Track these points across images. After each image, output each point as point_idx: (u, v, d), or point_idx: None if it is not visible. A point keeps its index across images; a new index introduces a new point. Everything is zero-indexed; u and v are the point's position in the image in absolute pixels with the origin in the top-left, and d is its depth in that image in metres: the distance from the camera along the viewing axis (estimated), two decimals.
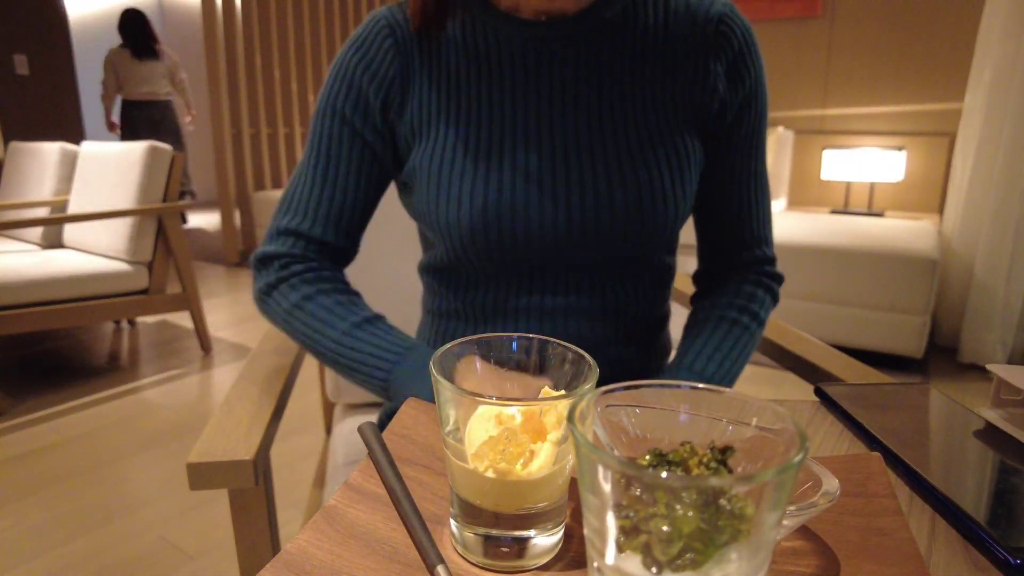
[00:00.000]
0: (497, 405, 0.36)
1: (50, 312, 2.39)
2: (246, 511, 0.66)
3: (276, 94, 4.58)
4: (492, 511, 0.36)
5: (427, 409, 0.54)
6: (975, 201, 2.65)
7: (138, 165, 2.60)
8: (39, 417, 2.23)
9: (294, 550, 0.37)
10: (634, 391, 0.34)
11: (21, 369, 2.68)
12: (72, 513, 1.69)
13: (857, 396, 0.61)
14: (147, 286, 2.65)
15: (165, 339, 3.02)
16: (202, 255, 4.78)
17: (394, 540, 0.39)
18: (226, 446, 0.64)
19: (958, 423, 0.57)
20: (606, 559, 0.28)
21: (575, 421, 0.29)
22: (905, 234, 2.76)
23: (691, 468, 0.29)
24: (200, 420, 2.22)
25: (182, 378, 2.57)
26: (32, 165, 3.12)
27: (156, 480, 1.85)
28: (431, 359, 0.37)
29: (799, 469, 0.26)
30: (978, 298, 2.60)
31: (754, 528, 0.25)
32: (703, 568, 0.26)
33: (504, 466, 0.35)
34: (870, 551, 0.37)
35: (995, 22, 2.55)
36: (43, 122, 4.62)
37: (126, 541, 1.58)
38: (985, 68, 2.59)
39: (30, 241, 3.01)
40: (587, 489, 0.28)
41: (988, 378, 0.62)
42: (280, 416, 0.75)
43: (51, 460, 1.95)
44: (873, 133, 3.65)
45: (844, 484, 0.43)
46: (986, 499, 0.45)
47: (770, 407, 0.31)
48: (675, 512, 0.25)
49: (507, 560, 0.37)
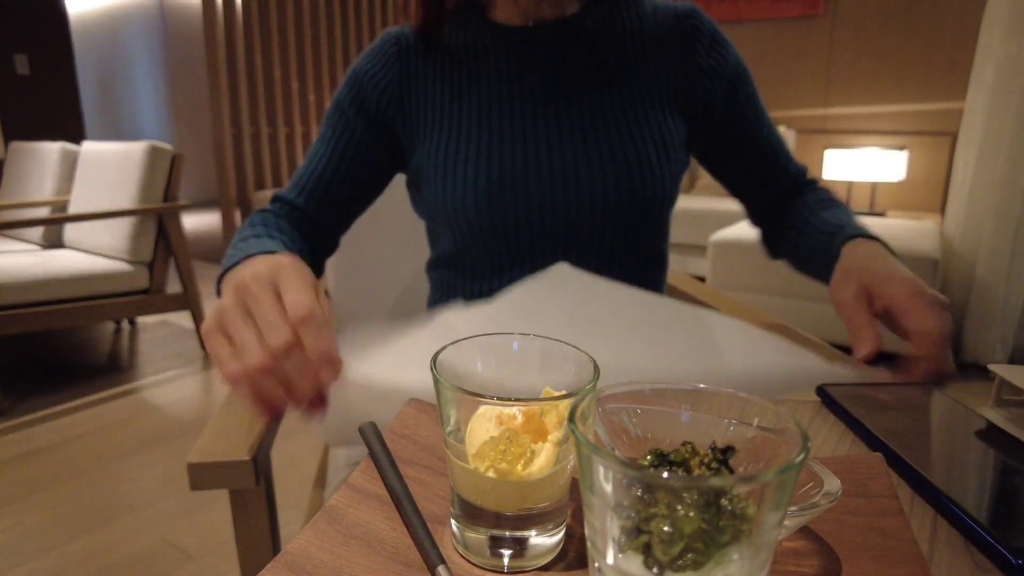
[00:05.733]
0: (498, 405, 0.36)
1: (50, 312, 2.39)
2: (246, 511, 0.66)
3: (276, 94, 4.58)
4: (493, 511, 0.36)
5: (428, 409, 0.54)
6: (977, 201, 2.65)
7: (139, 165, 2.60)
8: (39, 417, 2.23)
9: (295, 550, 0.37)
10: (635, 391, 0.34)
11: (21, 369, 2.68)
12: (72, 513, 1.69)
13: (859, 396, 0.61)
14: (148, 286, 2.65)
15: (166, 339, 3.02)
16: (203, 255, 4.78)
17: (395, 540, 0.39)
18: (226, 446, 0.64)
19: (960, 423, 0.57)
20: (607, 559, 0.28)
21: (576, 421, 0.29)
22: (907, 234, 2.76)
23: (692, 468, 0.29)
24: (200, 420, 2.22)
25: (182, 378, 2.57)
26: (33, 165, 3.12)
27: (156, 480, 1.85)
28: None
29: (800, 469, 0.26)
30: (979, 298, 2.60)
31: (755, 528, 0.25)
32: (704, 568, 0.25)
33: (505, 466, 0.35)
34: (872, 551, 0.37)
35: (997, 21, 2.54)
36: (43, 122, 4.62)
37: (126, 541, 1.58)
38: (987, 67, 2.59)
39: (31, 241, 3.01)
40: (588, 489, 0.28)
41: (989, 378, 0.62)
42: (280, 416, 0.75)
43: (51, 460, 1.95)
44: (875, 133, 3.65)
45: (846, 484, 0.43)
46: (988, 499, 0.45)
47: (771, 407, 0.31)
48: (676, 512, 0.25)
49: (508, 560, 0.37)
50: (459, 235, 0.79)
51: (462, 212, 0.76)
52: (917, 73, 3.49)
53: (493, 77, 0.78)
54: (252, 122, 4.49)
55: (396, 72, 0.80)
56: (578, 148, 0.76)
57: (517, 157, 0.76)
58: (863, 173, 3.50)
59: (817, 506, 0.37)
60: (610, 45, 0.79)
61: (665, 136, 0.78)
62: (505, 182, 0.75)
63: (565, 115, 0.77)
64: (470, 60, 0.79)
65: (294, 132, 4.78)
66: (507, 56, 0.78)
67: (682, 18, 0.81)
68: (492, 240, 0.77)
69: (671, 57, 0.80)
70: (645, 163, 0.76)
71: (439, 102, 0.79)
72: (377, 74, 0.80)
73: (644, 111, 0.78)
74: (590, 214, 0.76)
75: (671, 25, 0.81)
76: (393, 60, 0.81)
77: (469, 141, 0.77)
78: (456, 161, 0.77)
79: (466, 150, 0.77)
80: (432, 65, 0.80)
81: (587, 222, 0.76)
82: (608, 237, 0.78)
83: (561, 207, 0.76)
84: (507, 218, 0.76)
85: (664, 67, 0.80)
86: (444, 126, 0.78)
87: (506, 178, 0.75)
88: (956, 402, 0.60)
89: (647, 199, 0.77)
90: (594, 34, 0.79)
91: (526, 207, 0.76)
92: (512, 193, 0.75)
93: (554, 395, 0.39)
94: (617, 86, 0.78)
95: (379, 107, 0.81)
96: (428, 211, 0.83)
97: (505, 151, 0.76)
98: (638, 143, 0.77)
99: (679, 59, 0.80)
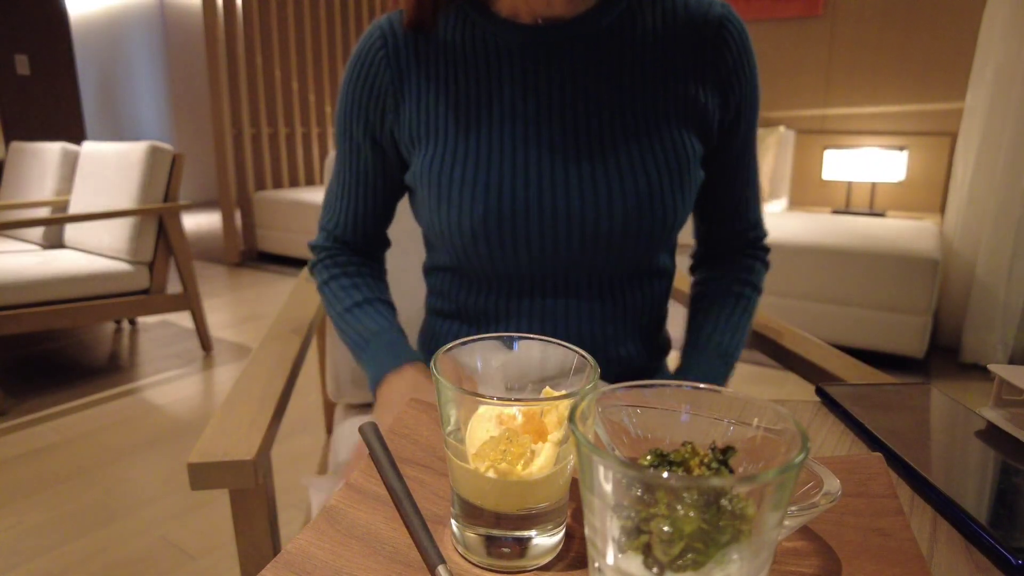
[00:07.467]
0: (498, 405, 0.36)
1: (51, 312, 2.39)
2: (247, 511, 0.66)
3: (277, 94, 4.58)
4: (493, 511, 0.36)
5: (428, 409, 0.54)
6: (976, 201, 2.65)
7: (139, 165, 2.60)
8: (39, 417, 2.23)
9: (295, 550, 0.37)
10: (635, 391, 0.34)
11: (21, 369, 2.68)
12: (72, 513, 1.69)
13: (858, 396, 0.61)
14: (148, 286, 2.65)
15: (166, 339, 3.02)
16: (203, 255, 4.78)
17: (395, 540, 0.39)
18: (227, 446, 0.64)
19: (959, 423, 0.57)
20: (607, 559, 0.28)
21: (576, 421, 0.29)
22: (906, 234, 2.76)
23: (692, 468, 0.29)
24: (200, 420, 2.22)
25: (183, 378, 2.57)
26: (33, 165, 3.12)
27: (156, 480, 1.85)
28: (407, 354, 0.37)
29: (800, 469, 0.26)
30: (979, 298, 2.60)
31: (755, 528, 0.25)
32: (704, 569, 0.25)
33: (505, 466, 0.35)
34: (871, 551, 0.37)
35: (997, 21, 2.55)
36: (44, 122, 4.62)
37: (127, 541, 1.58)
38: (987, 67, 2.59)
39: (31, 241, 3.01)
40: (588, 489, 0.28)
41: (989, 378, 0.62)
42: (281, 416, 0.75)
43: (51, 460, 1.95)
44: (874, 133, 3.65)
45: (845, 484, 0.43)
46: (988, 499, 0.45)
47: (771, 407, 0.31)
48: (676, 512, 0.25)
49: (508, 560, 0.37)
50: (454, 255, 0.75)
51: (458, 237, 0.71)
52: (917, 73, 3.49)
53: (495, 86, 0.70)
54: (252, 122, 4.49)
55: (388, 77, 0.74)
56: (585, 177, 0.69)
57: (518, 184, 0.69)
58: (863, 173, 3.50)
59: (817, 506, 0.37)
60: (627, 50, 0.70)
61: (680, 158, 0.70)
62: (504, 210, 0.69)
63: (572, 136, 0.69)
64: (468, 60, 0.71)
65: (294, 132, 4.78)
66: (511, 62, 0.70)
67: (712, 23, 0.71)
68: (489, 264, 0.73)
69: (693, 68, 0.71)
70: (657, 194, 0.69)
71: (434, 106, 0.72)
72: (374, 88, 0.74)
73: (659, 130, 0.70)
74: (593, 245, 0.70)
75: (699, 30, 0.71)
76: (383, 67, 0.74)
77: (466, 161, 0.70)
78: (452, 182, 0.70)
79: (462, 170, 0.70)
80: (425, 62, 0.73)
81: (590, 251, 0.71)
82: (614, 262, 0.73)
83: (563, 237, 0.70)
84: (505, 246, 0.71)
85: (684, 78, 0.71)
86: (440, 138, 0.72)
87: (504, 207, 0.69)
88: (956, 402, 0.60)
89: (657, 227, 0.71)
90: (610, 35, 0.70)
91: (526, 237, 0.70)
92: (511, 223, 0.69)
93: (554, 395, 0.39)
94: (632, 100, 0.70)
95: (382, 120, 0.75)
96: (422, 222, 0.78)
97: (505, 175, 0.69)
98: (651, 174, 0.69)
99: (700, 72, 0.71)
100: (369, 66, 0.75)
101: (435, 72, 0.73)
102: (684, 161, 0.71)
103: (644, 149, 0.69)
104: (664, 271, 0.79)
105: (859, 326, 2.61)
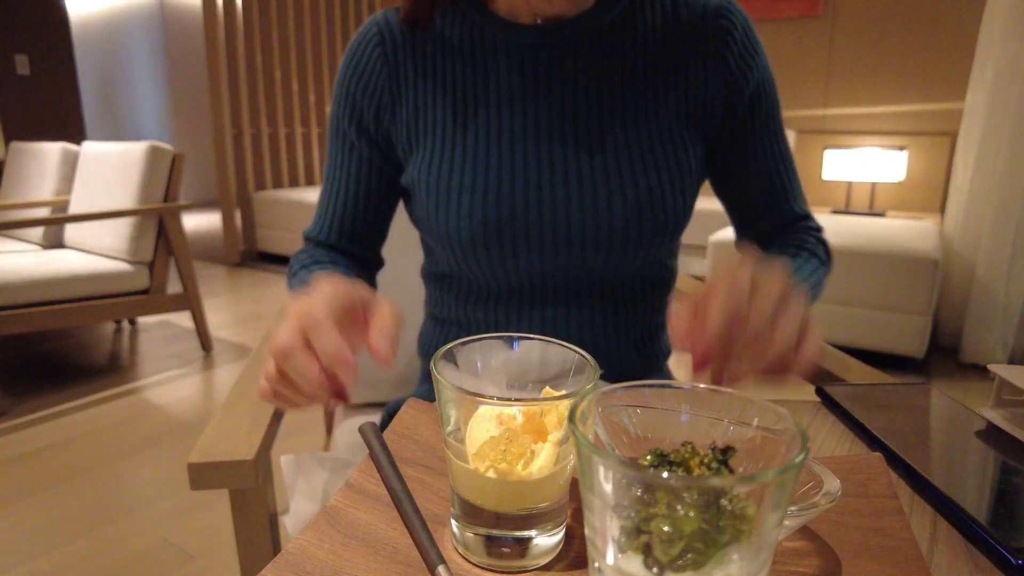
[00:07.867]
0: (498, 405, 0.36)
1: (50, 312, 2.39)
2: (247, 511, 0.66)
3: (277, 94, 4.58)
4: (493, 511, 0.36)
5: (428, 409, 0.54)
6: (976, 201, 2.65)
7: (139, 165, 2.60)
8: (39, 417, 2.23)
9: (295, 550, 0.37)
10: (635, 391, 0.34)
11: (21, 369, 2.68)
12: (72, 513, 1.69)
13: (858, 396, 0.61)
14: (148, 286, 2.65)
15: (166, 339, 3.02)
16: (203, 255, 4.78)
17: (395, 540, 0.39)
18: (227, 446, 0.64)
19: (959, 423, 0.57)
20: (607, 559, 0.28)
21: (576, 421, 0.29)
22: (906, 234, 2.76)
23: (692, 468, 0.29)
24: (200, 420, 2.22)
25: (183, 378, 2.57)
26: (33, 165, 3.12)
27: (156, 480, 1.85)
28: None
29: (800, 469, 0.26)
30: (979, 298, 2.60)
31: (755, 528, 0.25)
32: (704, 569, 0.25)
33: (505, 466, 0.35)
34: (871, 551, 0.37)
35: (997, 21, 2.55)
36: (44, 122, 4.62)
37: (126, 541, 1.58)
38: (987, 67, 2.59)
39: (31, 241, 3.01)
40: (588, 489, 0.28)
41: (989, 378, 0.62)
42: (281, 416, 0.75)
43: (51, 460, 1.95)
44: (874, 133, 3.65)
45: (845, 484, 0.43)
46: (988, 499, 0.45)
47: (771, 407, 0.31)
48: (676, 512, 0.25)
49: (508, 560, 0.37)
50: (452, 261, 0.73)
51: (456, 242, 0.70)
52: (917, 73, 3.49)
53: (492, 88, 0.70)
54: (252, 122, 4.49)
55: (384, 76, 0.72)
56: (585, 184, 0.68)
57: (517, 187, 0.68)
58: (863, 173, 3.50)
59: (817, 506, 0.37)
60: (628, 49, 0.70)
61: (682, 161, 0.70)
62: (503, 214, 0.68)
63: (572, 141, 0.69)
64: (466, 61, 0.70)
65: (294, 132, 4.78)
66: (509, 63, 0.69)
67: (712, 17, 0.70)
68: (489, 270, 0.72)
69: (695, 64, 0.70)
70: (658, 198, 0.69)
71: (431, 107, 0.71)
72: (369, 85, 0.73)
73: (661, 132, 0.69)
74: (594, 247, 0.70)
75: (699, 24, 0.70)
76: (379, 64, 0.72)
77: (464, 166, 0.69)
78: (450, 188, 0.69)
79: (460, 176, 0.69)
80: (422, 61, 0.72)
81: (591, 254, 0.70)
82: (614, 266, 0.72)
83: (563, 239, 0.69)
84: (504, 253, 0.70)
85: (687, 76, 0.70)
86: (437, 140, 0.71)
87: (504, 211, 0.68)
88: (956, 402, 0.60)
89: (657, 236, 0.70)
90: (611, 34, 0.69)
91: (526, 241, 0.69)
92: (511, 227, 0.69)
93: (554, 395, 0.39)
94: (633, 101, 0.69)
95: (378, 121, 0.74)
96: (419, 226, 0.77)
97: (504, 181, 0.68)
98: (651, 179, 0.68)
99: (704, 67, 0.70)
100: (365, 63, 0.73)
101: (432, 71, 0.71)
102: (685, 164, 0.70)
103: (644, 152, 0.69)
104: (666, 275, 0.78)
105: (859, 326, 2.60)
